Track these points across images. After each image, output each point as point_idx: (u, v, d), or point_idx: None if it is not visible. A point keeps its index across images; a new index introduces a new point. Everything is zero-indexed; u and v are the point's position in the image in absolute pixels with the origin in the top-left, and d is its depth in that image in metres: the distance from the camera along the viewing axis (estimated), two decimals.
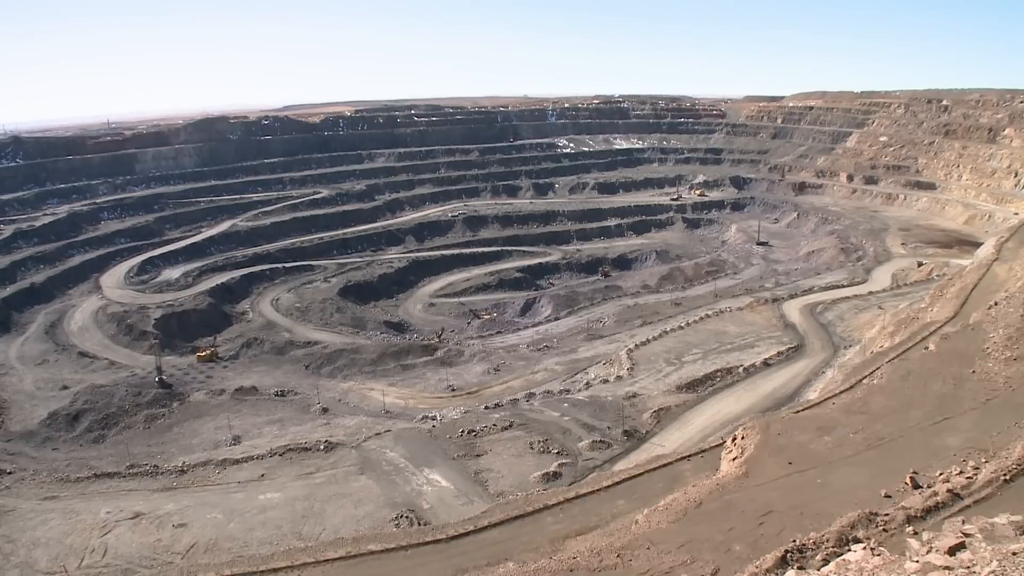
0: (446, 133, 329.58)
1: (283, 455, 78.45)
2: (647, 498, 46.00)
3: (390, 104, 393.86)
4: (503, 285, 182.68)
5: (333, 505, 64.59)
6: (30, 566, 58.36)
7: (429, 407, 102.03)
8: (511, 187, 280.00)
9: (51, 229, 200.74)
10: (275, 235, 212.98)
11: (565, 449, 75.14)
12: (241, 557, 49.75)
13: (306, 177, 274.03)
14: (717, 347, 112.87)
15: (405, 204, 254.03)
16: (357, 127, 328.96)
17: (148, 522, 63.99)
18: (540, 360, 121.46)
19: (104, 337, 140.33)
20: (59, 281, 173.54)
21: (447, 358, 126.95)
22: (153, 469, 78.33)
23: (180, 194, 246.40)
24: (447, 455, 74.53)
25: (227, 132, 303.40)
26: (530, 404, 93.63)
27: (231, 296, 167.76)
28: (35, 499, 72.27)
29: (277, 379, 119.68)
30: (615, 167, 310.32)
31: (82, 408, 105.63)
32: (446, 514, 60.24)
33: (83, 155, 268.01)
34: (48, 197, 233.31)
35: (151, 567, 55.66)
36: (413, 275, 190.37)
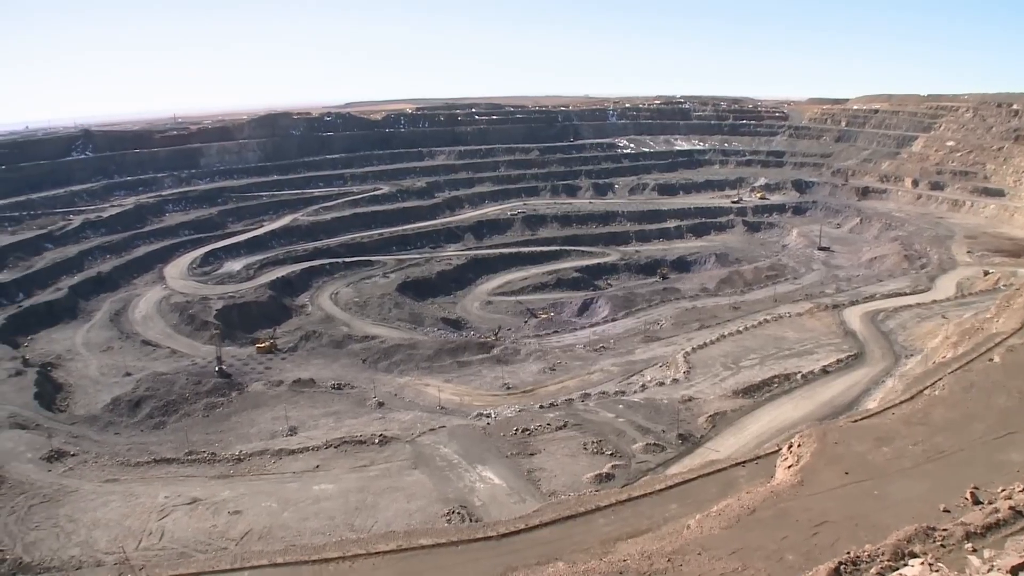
0: (506, 132, 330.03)
1: (338, 447, 79.20)
2: (700, 503, 45.69)
3: (451, 102, 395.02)
4: (561, 285, 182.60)
5: (386, 498, 65.08)
6: (90, 546, 59.67)
7: (484, 404, 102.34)
8: (571, 187, 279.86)
9: (118, 220, 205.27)
10: (335, 230, 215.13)
11: (619, 451, 74.95)
12: (294, 546, 50.31)
13: (367, 173, 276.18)
14: (775, 353, 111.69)
15: (464, 202, 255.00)
16: (418, 125, 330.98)
17: (204, 508, 65.08)
18: (596, 361, 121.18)
19: (167, 326, 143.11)
20: (124, 271, 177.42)
21: (503, 356, 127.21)
22: (211, 456, 79.64)
23: (243, 188, 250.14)
24: (500, 453, 74.72)
25: (290, 128, 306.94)
26: (585, 404, 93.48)
27: (291, 289, 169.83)
28: (97, 481, 73.89)
29: (334, 372, 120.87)
30: (675, 168, 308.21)
31: (144, 395, 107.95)
32: (498, 511, 60.42)
33: (150, 149, 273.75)
34: (115, 189, 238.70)
35: (206, 552, 56.47)
36: (471, 273, 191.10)
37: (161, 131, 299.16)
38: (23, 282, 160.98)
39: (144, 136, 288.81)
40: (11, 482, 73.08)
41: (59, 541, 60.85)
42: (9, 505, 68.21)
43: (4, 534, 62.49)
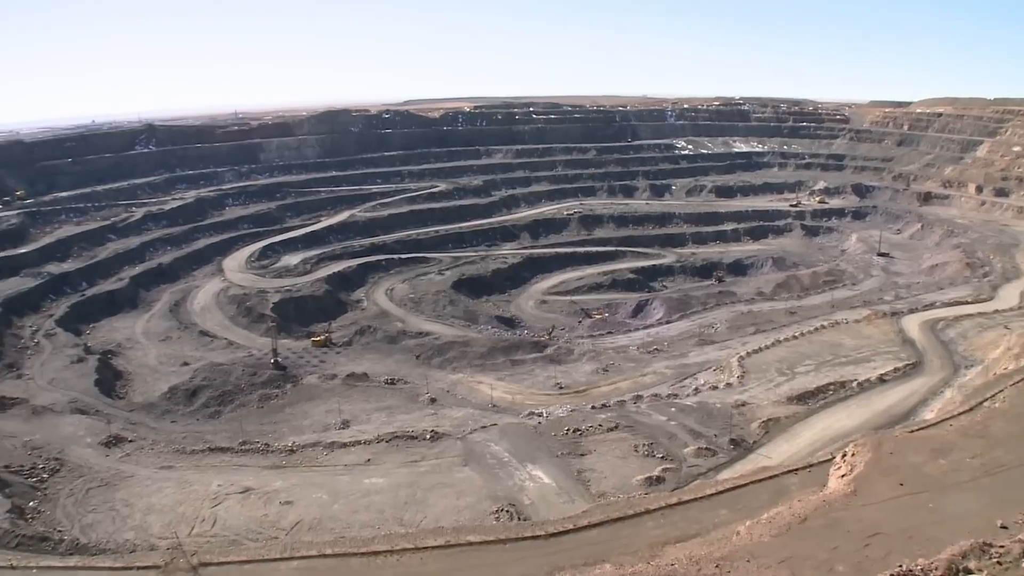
0: (564, 131, 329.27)
1: (390, 442, 79.75)
2: (750, 510, 45.29)
3: (509, 101, 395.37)
4: (616, 285, 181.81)
5: (435, 494, 65.37)
6: (144, 530, 60.82)
7: (536, 403, 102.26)
8: (627, 187, 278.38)
9: (179, 213, 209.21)
10: (392, 226, 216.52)
11: (670, 454, 74.49)
12: (343, 538, 50.71)
13: (424, 171, 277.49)
14: (831, 359, 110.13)
15: (521, 201, 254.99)
16: (476, 123, 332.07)
17: (257, 497, 65.93)
18: (649, 363, 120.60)
19: (224, 318, 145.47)
20: (184, 262, 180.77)
21: (556, 356, 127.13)
22: (264, 447, 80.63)
23: (302, 183, 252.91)
24: (551, 452, 74.69)
25: (349, 125, 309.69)
26: (637, 406, 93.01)
27: (347, 284, 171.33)
28: (152, 467, 75.33)
29: (388, 367, 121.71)
30: (733, 170, 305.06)
31: (200, 384, 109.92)
32: (546, 511, 60.40)
33: (211, 143, 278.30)
34: (177, 182, 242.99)
35: (256, 540, 57.19)
36: (526, 271, 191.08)
37: (222, 126, 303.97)
38: (87, 272, 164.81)
39: (206, 131, 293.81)
40: (71, 465, 74.87)
41: (114, 524, 62.13)
42: (68, 487, 69.88)
43: (63, 515, 64.02)
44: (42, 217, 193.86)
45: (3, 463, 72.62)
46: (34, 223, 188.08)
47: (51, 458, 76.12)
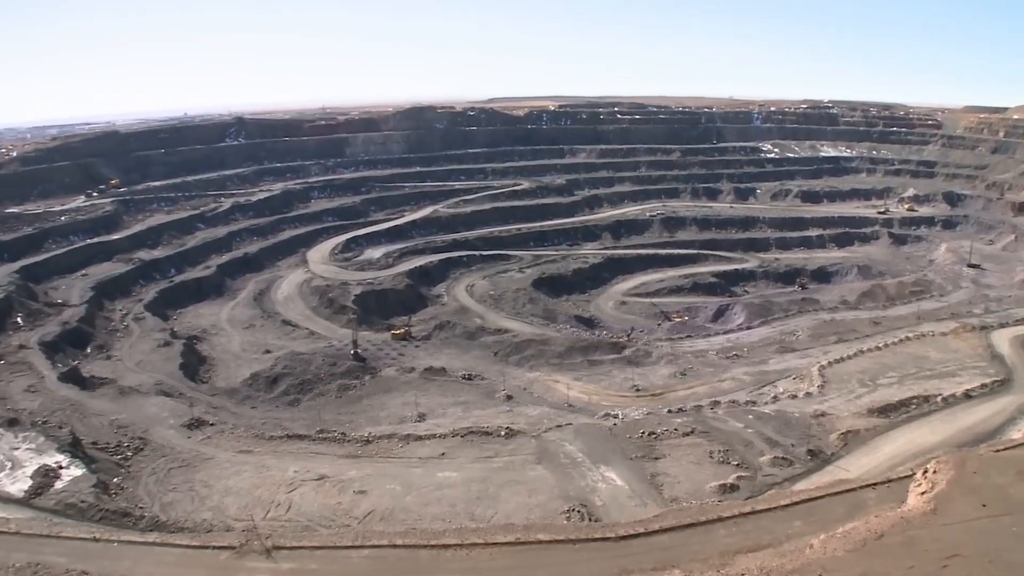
0: (648, 132, 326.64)
1: (464, 437, 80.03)
2: (825, 523, 44.36)
3: (594, 100, 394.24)
4: (697, 289, 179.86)
5: (507, 491, 65.44)
6: (221, 511, 62.15)
7: (612, 405, 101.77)
8: (711, 190, 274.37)
9: (266, 204, 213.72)
10: (474, 223, 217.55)
11: (745, 462, 73.43)
12: (414, 529, 51.12)
13: (508, 168, 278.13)
14: (915, 372, 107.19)
15: (604, 201, 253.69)
16: (560, 122, 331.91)
17: (331, 485, 66.77)
18: (728, 368, 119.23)
19: (306, 308, 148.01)
20: (269, 253, 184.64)
21: (634, 358, 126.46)
22: (341, 436, 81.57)
23: (386, 178, 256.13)
24: (625, 454, 74.25)
25: (434, 121, 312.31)
26: (714, 412, 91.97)
27: (428, 279, 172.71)
28: (232, 451, 76.94)
29: (466, 363, 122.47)
30: (820, 175, 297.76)
31: (281, 372, 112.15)
32: (618, 513, 60.05)
33: (299, 137, 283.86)
34: (265, 175, 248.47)
35: (329, 527, 57.91)
36: (607, 272, 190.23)
37: (310, 121, 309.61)
38: (175, 259, 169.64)
39: (294, 125, 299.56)
40: (154, 445, 76.99)
41: (193, 504, 63.68)
42: (151, 466, 71.90)
43: (144, 492, 65.87)
44: (135, 205, 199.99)
45: (91, 440, 75.05)
46: (127, 211, 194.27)
47: (136, 437, 78.41)
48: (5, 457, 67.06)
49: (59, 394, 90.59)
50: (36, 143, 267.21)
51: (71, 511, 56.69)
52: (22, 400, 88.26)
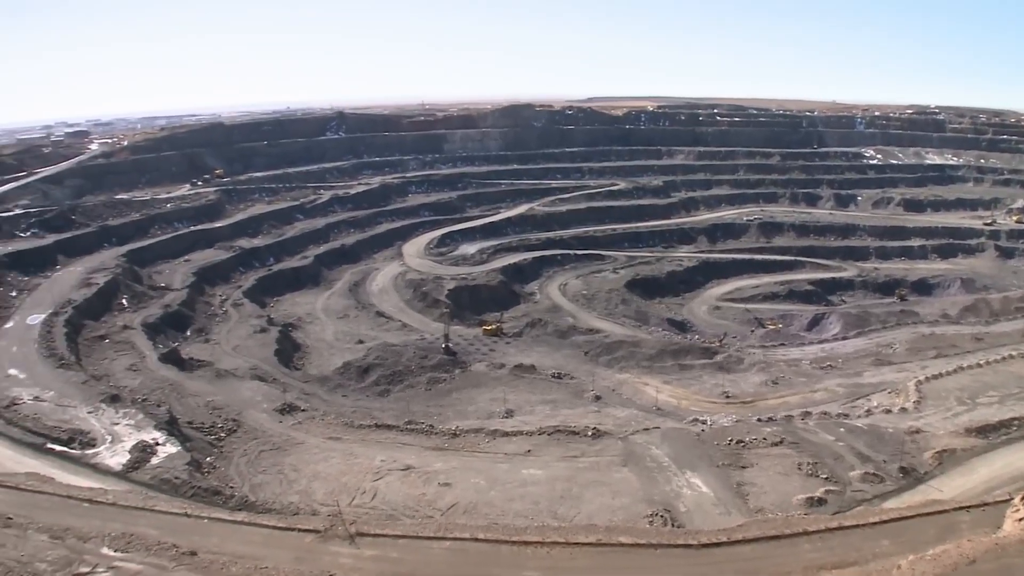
0: (748, 135, 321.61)
1: (551, 435, 79.74)
2: (915, 544, 43.10)
3: (693, 102, 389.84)
4: (792, 296, 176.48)
5: (591, 491, 65.04)
6: (308, 495, 63.10)
7: (701, 410, 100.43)
8: (810, 195, 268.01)
9: (363, 197, 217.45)
10: (569, 222, 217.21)
11: (834, 476, 71.65)
12: (496, 524, 51.06)
13: (604, 168, 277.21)
14: (1018, 392, 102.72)
15: (700, 203, 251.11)
16: (658, 123, 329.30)
17: (417, 476, 67.24)
18: (821, 379, 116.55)
19: (400, 301, 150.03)
20: (366, 245, 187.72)
21: (726, 364, 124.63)
22: (428, 428, 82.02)
23: (483, 175, 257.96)
24: (712, 461, 73.21)
25: (532, 119, 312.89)
26: (804, 423, 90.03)
27: (521, 276, 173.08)
28: (321, 437, 78.08)
29: (556, 361, 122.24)
30: (924, 183, 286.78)
31: (373, 363, 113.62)
32: (701, 520, 59.28)
33: (397, 132, 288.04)
34: (363, 168, 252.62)
35: (413, 517, 58.21)
36: (701, 275, 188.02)
37: (409, 116, 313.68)
38: (274, 248, 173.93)
39: (393, 120, 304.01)
40: (246, 427, 78.77)
41: (281, 487, 64.86)
42: (242, 448, 73.59)
43: (235, 473, 67.48)
44: (237, 195, 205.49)
45: (187, 419, 77.19)
46: (230, 200, 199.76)
47: (230, 419, 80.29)
48: (106, 431, 69.43)
49: (159, 374, 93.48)
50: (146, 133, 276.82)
51: (165, 486, 58.35)
52: (124, 378, 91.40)
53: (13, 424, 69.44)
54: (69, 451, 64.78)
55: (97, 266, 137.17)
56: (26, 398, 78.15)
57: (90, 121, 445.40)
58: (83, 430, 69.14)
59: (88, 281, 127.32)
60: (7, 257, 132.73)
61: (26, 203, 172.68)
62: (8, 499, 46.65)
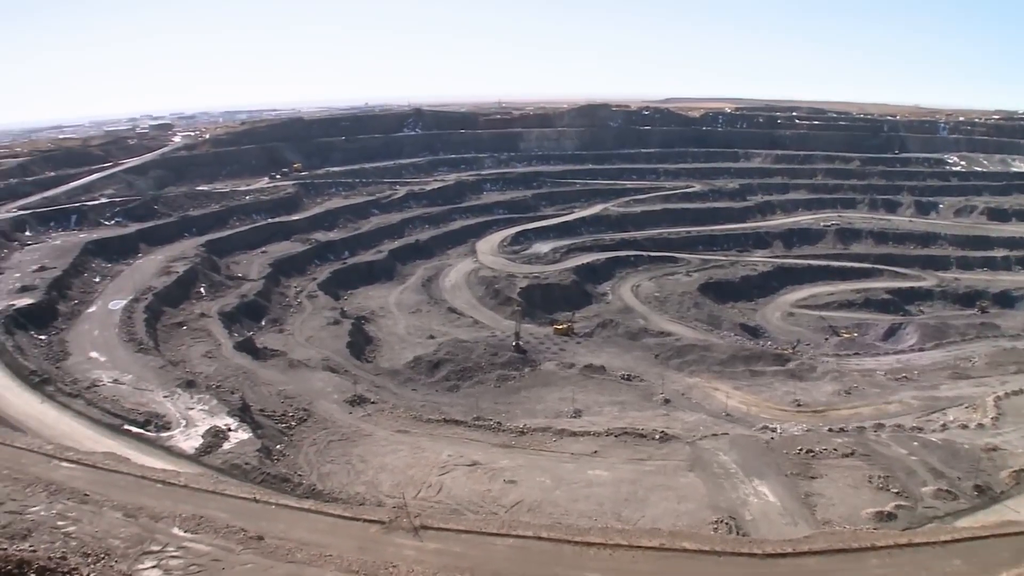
0: (827, 138, 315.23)
1: (618, 437, 79.25)
2: (988, 566, 41.83)
3: (771, 104, 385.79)
4: (868, 305, 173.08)
5: (656, 495, 64.51)
6: (375, 486, 63.72)
7: (771, 418, 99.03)
8: (890, 202, 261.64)
9: (439, 194, 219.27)
10: (644, 223, 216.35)
11: (906, 491, 69.97)
12: (560, 524, 50.88)
13: (680, 170, 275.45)
14: None
15: (777, 208, 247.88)
16: (736, 125, 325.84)
17: (483, 472, 67.38)
18: (896, 391, 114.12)
19: (472, 297, 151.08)
20: (440, 241, 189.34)
21: (798, 371, 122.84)
22: (496, 425, 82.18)
23: (558, 174, 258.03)
24: (780, 470, 72.12)
25: (608, 119, 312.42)
26: (877, 435, 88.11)
27: (594, 276, 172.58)
28: (390, 430, 78.80)
29: (626, 363, 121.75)
30: (1010, 192, 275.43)
31: (443, 358, 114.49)
32: (767, 529, 58.44)
33: (474, 130, 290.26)
34: (439, 165, 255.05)
35: (477, 512, 58.36)
36: (776, 281, 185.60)
37: (486, 114, 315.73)
38: (350, 242, 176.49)
39: (470, 118, 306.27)
40: (317, 417, 79.97)
41: (349, 477, 65.65)
42: (312, 437, 74.77)
43: (304, 461, 68.58)
44: (314, 189, 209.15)
45: (259, 407, 78.60)
46: (307, 194, 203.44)
47: (301, 408, 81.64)
48: (181, 415, 71.07)
49: (233, 362, 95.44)
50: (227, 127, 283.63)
51: (235, 471, 59.43)
52: (200, 364, 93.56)
53: (93, 405, 71.43)
54: (145, 433, 66.44)
55: (177, 255, 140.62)
56: (106, 380, 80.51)
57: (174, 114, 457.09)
58: (159, 413, 70.90)
59: (168, 269, 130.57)
60: (92, 244, 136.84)
61: (111, 192, 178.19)
62: (86, 477, 48.01)
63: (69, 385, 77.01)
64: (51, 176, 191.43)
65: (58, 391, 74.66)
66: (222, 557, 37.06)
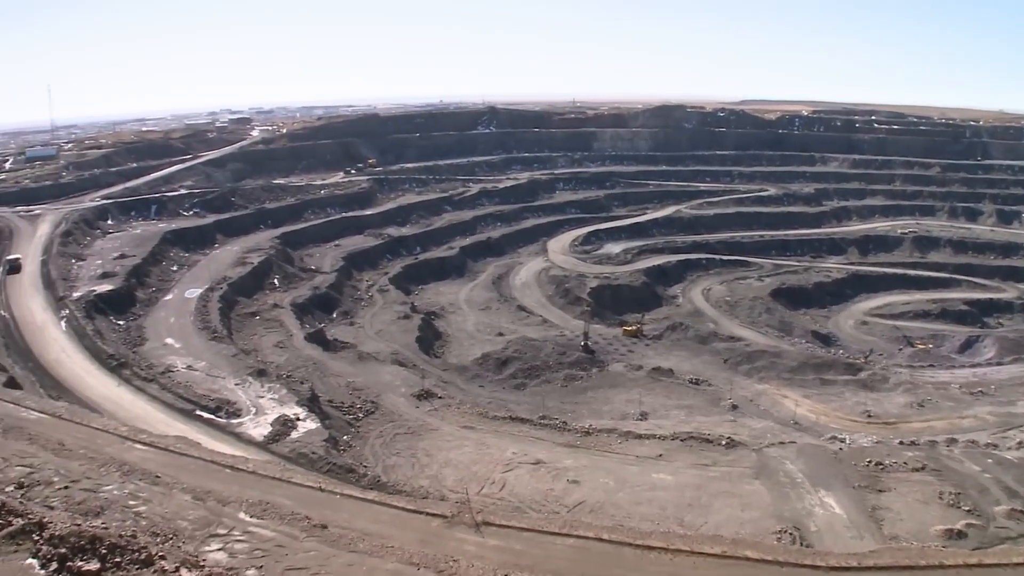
0: (906, 143, 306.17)
1: (684, 441, 78.56)
2: None
3: (849, 107, 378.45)
4: (945, 316, 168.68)
5: (720, 502, 63.84)
6: (439, 481, 64.14)
7: (840, 428, 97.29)
8: (971, 210, 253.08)
9: (511, 192, 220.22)
10: (716, 226, 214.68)
11: (978, 509, 68.04)
12: (621, 526, 50.43)
13: (755, 173, 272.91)
14: None
15: (853, 213, 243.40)
16: (812, 128, 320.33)
17: (546, 471, 67.31)
18: (971, 405, 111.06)
19: (542, 296, 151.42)
20: (511, 239, 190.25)
21: (870, 382, 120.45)
22: (562, 424, 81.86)
23: (631, 175, 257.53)
24: (847, 482, 70.76)
25: (683, 120, 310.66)
26: (949, 450, 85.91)
27: (664, 278, 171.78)
28: (456, 425, 79.20)
29: (694, 367, 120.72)
30: None
31: (511, 356, 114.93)
32: (832, 542, 57.41)
33: (547, 129, 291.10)
34: (512, 163, 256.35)
35: (539, 511, 58.32)
36: (850, 288, 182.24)
37: (560, 113, 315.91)
38: (422, 238, 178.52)
39: (543, 117, 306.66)
40: (384, 410, 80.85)
41: (413, 470, 66.23)
42: (378, 429, 75.57)
43: (369, 453, 69.42)
44: (388, 184, 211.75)
45: (327, 398, 79.68)
46: (381, 189, 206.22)
47: (368, 400, 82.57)
48: (251, 403, 72.44)
49: (304, 352, 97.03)
50: (304, 122, 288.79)
51: (302, 460, 60.38)
52: (271, 354, 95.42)
53: (167, 390, 73.24)
54: (216, 419, 67.92)
55: (253, 246, 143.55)
56: (180, 366, 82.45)
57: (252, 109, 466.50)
58: (230, 400, 72.33)
59: (243, 260, 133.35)
60: (171, 234, 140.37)
61: (190, 184, 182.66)
62: (158, 459, 49.10)
63: (144, 370, 79.08)
64: (133, 167, 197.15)
65: (134, 375, 76.85)
66: (286, 543, 37.61)
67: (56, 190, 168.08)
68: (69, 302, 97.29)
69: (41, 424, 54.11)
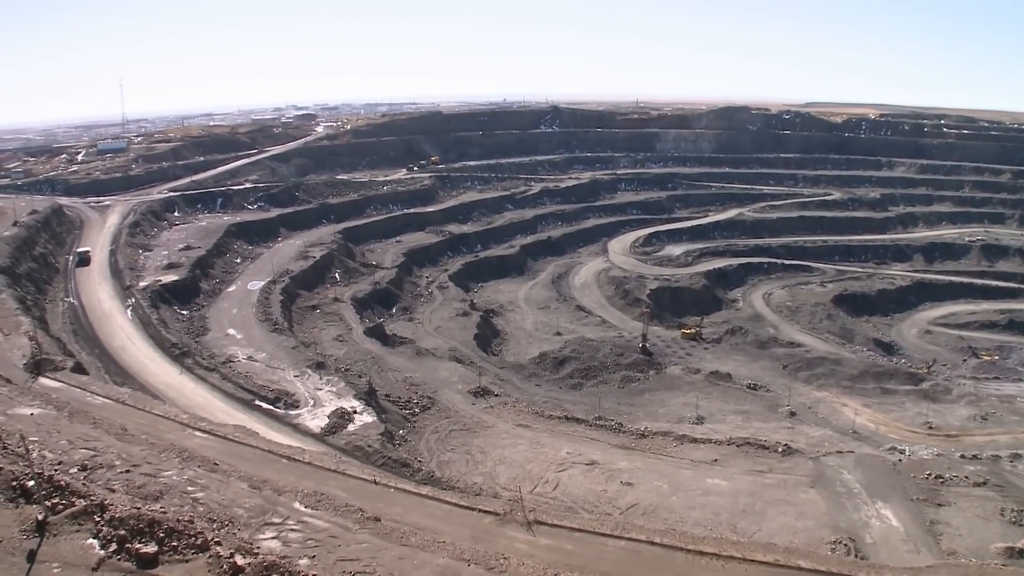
0: (976, 149, 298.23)
1: (740, 447, 78.00)
2: None
3: (918, 111, 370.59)
4: (1013, 327, 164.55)
5: (774, 509, 63.25)
6: (492, 478, 64.61)
7: (900, 439, 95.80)
8: None
9: (572, 192, 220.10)
10: (779, 230, 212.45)
11: None
12: (674, 530, 50.19)
13: (819, 176, 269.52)
14: None
15: (919, 220, 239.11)
16: (879, 132, 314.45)
17: (600, 472, 67.31)
18: None
19: (601, 296, 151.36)
20: (572, 239, 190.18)
21: (932, 392, 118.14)
22: (617, 426, 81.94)
23: (693, 176, 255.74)
24: (906, 494, 69.53)
25: (747, 122, 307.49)
26: (1013, 466, 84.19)
27: (725, 282, 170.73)
28: (511, 423, 79.65)
29: (752, 372, 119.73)
30: None
31: (569, 355, 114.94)
32: (887, 555, 56.51)
33: (610, 129, 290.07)
34: (575, 163, 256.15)
35: (591, 512, 58.36)
36: (914, 296, 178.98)
37: (623, 113, 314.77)
38: (483, 235, 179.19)
39: (607, 117, 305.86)
40: (440, 406, 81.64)
41: (467, 467, 66.77)
42: (434, 425, 76.40)
43: (424, 448, 70.14)
44: (450, 182, 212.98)
45: (385, 392, 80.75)
46: (443, 186, 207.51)
47: (425, 396, 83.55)
48: (309, 395, 73.59)
49: (363, 346, 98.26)
50: (368, 119, 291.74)
51: (358, 453, 61.19)
52: (330, 347, 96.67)
53: (228, 380, 74.74)
54: (274, 410, 69.18)
55: (315, 240, 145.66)
56: (241, 357, 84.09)
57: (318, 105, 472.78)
58: (289, 392, 73.60)
59: (305, 254, 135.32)
60: (235, 227, 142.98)
61: (255, 178, 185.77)
62: (217, 447, 50.15)
63: (206, 359, 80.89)
64: (200, 161, 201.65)
65: (196, 364, 78.66)
66: (339, 534, 38.09)
67: (126, 182, 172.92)
68: (135, 291, 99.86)
69: (105, 409, 55.58)
